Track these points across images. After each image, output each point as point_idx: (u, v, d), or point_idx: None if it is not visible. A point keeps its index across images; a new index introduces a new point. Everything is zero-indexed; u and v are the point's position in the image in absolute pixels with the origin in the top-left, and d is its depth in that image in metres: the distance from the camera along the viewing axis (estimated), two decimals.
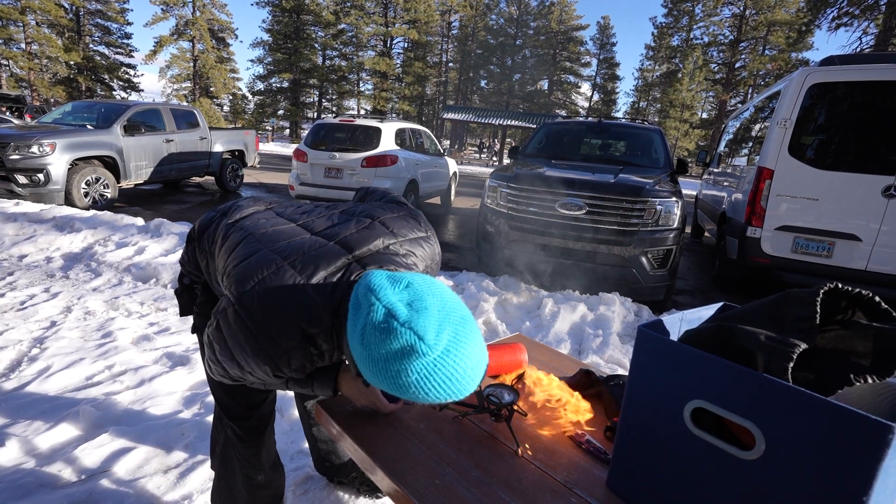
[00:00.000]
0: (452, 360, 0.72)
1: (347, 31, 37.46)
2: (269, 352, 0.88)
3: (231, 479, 1.32)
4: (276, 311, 0.87)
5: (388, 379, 0.72)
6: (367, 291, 0.76)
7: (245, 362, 0.90)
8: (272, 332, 0.87)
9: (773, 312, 0.74)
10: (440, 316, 0.73)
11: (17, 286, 3.52)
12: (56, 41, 32.02)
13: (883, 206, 3.93)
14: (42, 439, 1.86)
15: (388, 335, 0.71)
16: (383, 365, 0.72)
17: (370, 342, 0.72)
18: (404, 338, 0.70)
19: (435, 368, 0.71)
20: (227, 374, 0.98)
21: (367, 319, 0.73)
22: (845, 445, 0.58)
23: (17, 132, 6.40)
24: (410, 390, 0.72)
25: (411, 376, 0.71)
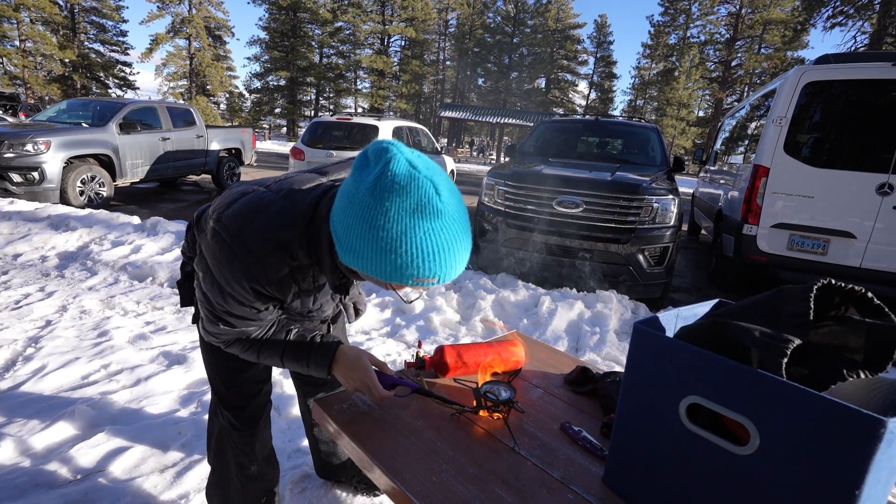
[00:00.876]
0: (457, 226, 0.73)
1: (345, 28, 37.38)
2: (244, 260, 0.87)
3: (225, 470, 1.32)
4: (249, 219, 0.88)
5: (389, 242, 0.71)
6: (387, 145, 0.74)
7: (228, 285, 0.90)
8: (246, 238, 0.87)
9: (768, 308, 0.74)
10: (448, 186, 0.74)
11: (12, 285, 3.51)
12: (51, 38, 31.83)
13: (877, 203, 3.95)
14: (37, 439, 1.86)
15: (409, 184, 0.70)
16: (394, 222, 0.70)
17: (383, 193, 0.70)
18: (424, 189, 0.70)
19: (442, 229, 0.72)
20: (218, 319, 0.97)
21: (384, 170, 0.71)
22: (838, 440, 0.58)
23: (12, 130, 6.36)
24: (408, 254, 0.71)
25: (417, 235, 0.70)
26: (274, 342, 1.04)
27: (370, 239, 0.72)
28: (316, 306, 1.10)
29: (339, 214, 0.77)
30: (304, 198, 0.91)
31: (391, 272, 0.74)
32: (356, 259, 0.76)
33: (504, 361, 1.28)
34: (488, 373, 1.19)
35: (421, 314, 3.38)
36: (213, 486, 1.37)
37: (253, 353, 1.05)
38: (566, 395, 1.23)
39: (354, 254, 0.76)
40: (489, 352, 1.26)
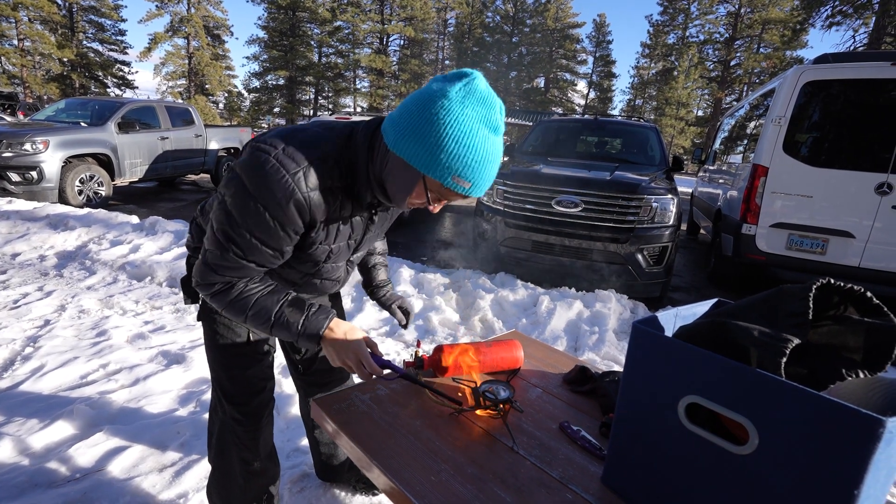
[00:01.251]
0: (500, 147, 0.89)
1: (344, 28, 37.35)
2: (289, 169, 0.88)
3: (228, 468, 1.32)
4: (290, 137, 0.92)
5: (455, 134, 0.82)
6: (470, 72, 0.86)
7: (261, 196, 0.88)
8: (290, 151, 0.90)
9: (767, 308, 0.74)
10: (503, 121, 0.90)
11: (11, 285, 3.50)
12: (49, 38, 31.76)
13: (876, 203, 3.95)
14: (36, 438, 1.85)
15: (487, 98, 0.84)
16: (466, 119, 0.82)
17: (466, 97, 0.83)
18: (496, 107, 0.85)
19: (494, 144, 0.87)
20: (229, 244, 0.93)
21: (469, 81, 0.84)
22: (837, 439, 0.58)
23: (10, 129, 6.35)
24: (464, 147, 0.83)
25: (478, 137, 0.84)
26: (270, 298, 1.00)
27: (436, 123, 0.82)
28: (328, 264, 1.11)
29: (409, 107, 0.86)
30: (338, 126, 0.99)
31: (443, 160, 0.84)
32: (415, 142, 0.84)
33: (502, 361, 1.28)
34: (487, 372, 1.19)
35: (420, 314, 3.38)
36: (214, 484, 1.36)
37: (241, 308, 0.99)
38: (565, 395, 1.23)
39: (415, 137, 0.84)
40: (488, 351, 1.26)
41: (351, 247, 1.13)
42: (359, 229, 1.09)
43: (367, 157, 0.95)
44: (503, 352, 1.29)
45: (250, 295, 0.99)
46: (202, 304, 1.22)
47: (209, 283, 0.99)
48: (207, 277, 0.98)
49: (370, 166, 0.95)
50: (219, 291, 0.99)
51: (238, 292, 0.99)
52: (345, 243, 1.09)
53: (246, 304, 0.99)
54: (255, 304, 0.99)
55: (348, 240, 1.09)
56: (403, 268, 4.00)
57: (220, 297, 1.00)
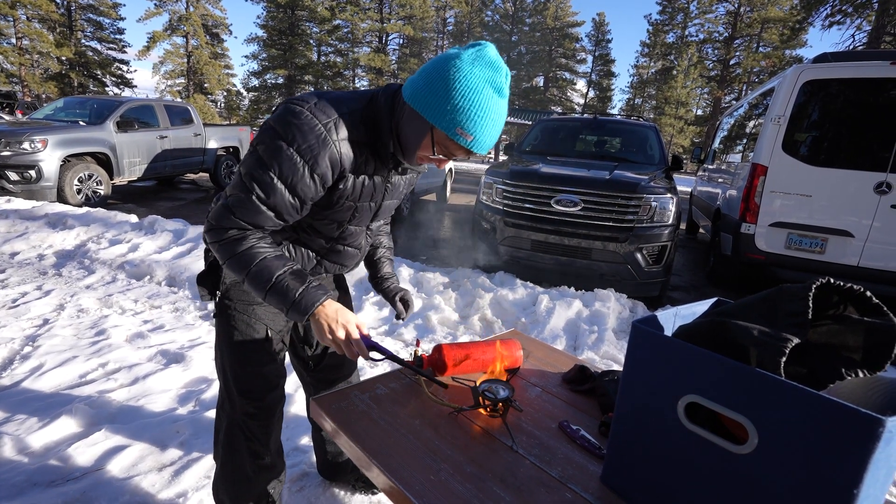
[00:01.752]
0: (503, 110, 0.98)
1: (343, 27, 37.29)
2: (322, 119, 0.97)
3: (237, 462, 1.31)
4: (320, 95, 1.02)
5: (461, 88, 0.92)
6: (484, 42, 0.96)
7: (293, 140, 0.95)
8: (322, 105, 0.99)
9: (766, 307, 0.74)
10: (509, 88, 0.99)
11: (9, 284, 3.50)
12: (47, 36, 31.67)
13: (875, 202, 3.95)
14: (35, 437, 1.85)
15: (494, 62, 0.94)
16: (475, 77, 0.92)
17: (475, 60, 0.93)
18: (501, 72, 0.95)
19: (497, 104, 0.95)
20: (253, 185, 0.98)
21: (480, 48, 0.95)
22: (837, 439, 0.58)
23: (8, 128, 6.33)
24: (468, 101, 0.92)
25: (482, 94, 0.93)
26: (276, 262, 1.02)
27: (448, 79, 0.92)
28: (352, 226, 1.18)
29: (426, 67, 0.97)
30: (360, 91, 1.09)
31: (449, 111, 0.93)
32: (427, 94, 0.94)
33: (502, 360, 1.28)
34: (487, 371, 1.19)
35: (419, 313, 3.38)
36: (221, 480, 1.36)
37: (246, 262, 1.00)
38: (564, 394, 1.23)
39: (429, 90, 0.94)
40: (487, 350, 1.26)
41: (372, 209, 1.18)
42: (379, 192, 1.15)
43: (388, 114, 1.04)
44: (502, 351, 1.29)
45: (258, 252, 1.01)
46: (219, 300, 1.23)
47: (223, 227, 1.01)
48: (223, 220, 1.00)
49: (391, 122, 1.04)
50: (230, 240, 1.01)
51: (248, 246, 1.01)
52: (367, 204, 1.15)
53: (251, 260, 1.00)
54: (261, 262, 1.01)
55: (370, 200, 1.15)
56: (403, 267, 4.00)
57: (229, 245, 1.01)
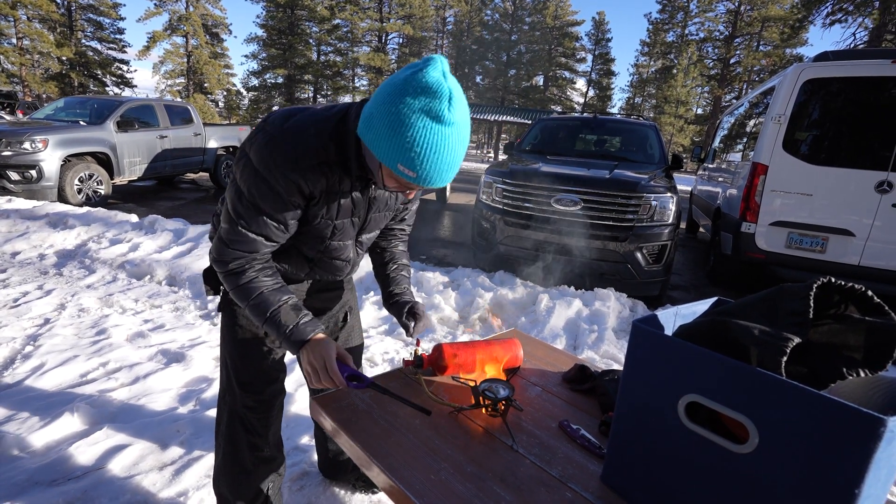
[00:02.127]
0: (451, 138, 0.87)
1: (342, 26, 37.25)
2: (287, 144, 0.97)
3: (236, 454, 1.33)
4: (290, 116, 1.01)
5: (395, 122, 0.85)
6: (430, 59, 0.87)
7: (266, 169, 0.97)
8: (289, 128, 0.98)
9: (767, 307, 0.74)
10: (464, 111, 0.89)
11: (10, 283, 3.50)
12: (48, 36, 31.65)
13: (876, 201, 3.95)
14: (36, 436, 1.85)
15: (432, 87, 0.84)
16: (406, 108, 0.84)
17: (411, 86, 0.85)
18: (441, 96, 0.84)
19: (437, 133, 0.85)
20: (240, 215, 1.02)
21: (422, 72, 0.85)
22: (838, 438, 0.58)
23: (9, 128, 6.33)
24: (403, 137, 0.85)
25: (416, 125, 0.84)
26: (273, 296, 1.07)
27: (385, 114, 0.86)
28: (335, 241, 1.17)
29: (375, 94, 0.91)
30: (334, 107, 1.05)
31: (387, 148, 0.87)
32: (369, 129, 0.90)
33: (502, 359, 1.28)
34: (486, 370, 1.19)
35: None
36: (222, 471, 1.37)
37: (246, 294, 1.06)
38: (564, 394, 1.23)
39: (370, 125, 0.90)
40: (487, 350, 1.26)
41: (356, 224, 1.18)
42: (361, 207, 1.14)
43: (355, 136, 1.00)
44: (502, 350, 1.29)
45: (258, 286, 1.06)
46: (223, 296, 1.25)
47: (224, 260, 1.06)
48: (222, 254, 1.06)
49: (360, 144, 1.01)
50: (232, 272, 1.06)
51: (249, 279, 1.06)
52: (348, 220, 1.14)
53: (251, 293, 1.06)
54: (259, 295, 1.06)
55: (352, 217, 1.14)
56: None
57: (232, 278, 1.07)
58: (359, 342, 1.57)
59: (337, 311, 1.47)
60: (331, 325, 1.48)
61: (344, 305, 1.49)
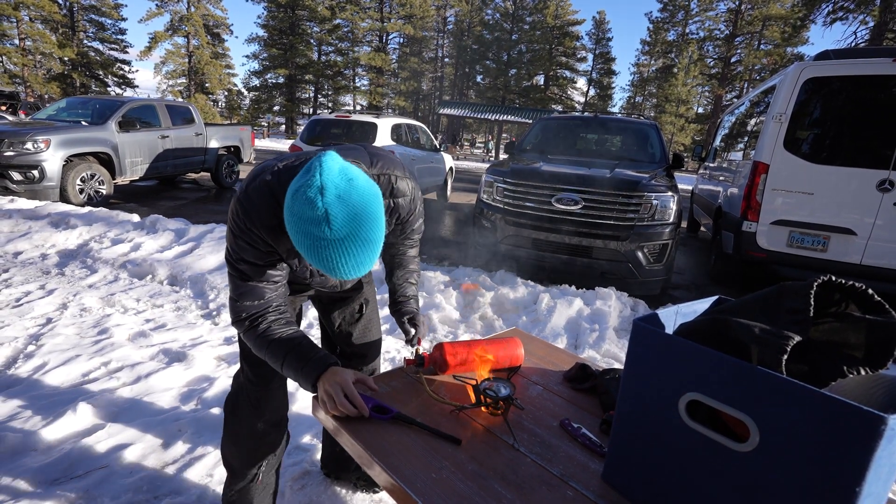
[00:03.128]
0: (344, 248, 0.89)
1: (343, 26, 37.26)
2: (247, 206, 1.05)
3: (237, 424, 1.40)
4: (253, 178, 1.08)
5: (299, 237, 0.90)
6: (318, 163, 0.90)
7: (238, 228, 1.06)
8: (250, 191, 1.06)
9: (768, 305, 0.74)
10: (353, 221, 0.88)
11: (13, 283, 3.51)
12: (50, 37, 31.72)
13: (878, 200, 3.94)
14: (38, 436, 1.86)
15: (309, 204, 0.87)
16: (298, 223, 0.88)
17: (296, 200, 0.88)
18: (318, 213, 0.86)
19: (326, 247, 0.88)
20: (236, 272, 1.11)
21: (304, 182, 0.89)
22: (839, 436, 0.58)
23: (12, 129, 6.35)
24: (304, 247, 0.90)
25: (307, 240, 0.88)
26: (285, 343, 1.12)
27: (290, 222, 0.91)
28: (317, 278, 1.26)
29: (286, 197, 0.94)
30: (294, 166, 1.08)
31: (305, 253, 0.91)
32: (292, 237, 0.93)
33: (503, 359, 1.28)
34: (487, 369, 1.19)
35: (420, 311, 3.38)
36: (226, 439, 1.44)
37: (262, 345, 1.12)
38: (565, 392, 1.23)
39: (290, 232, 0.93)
40: (488, 349, 1.26)
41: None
42: None
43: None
44: (504, 349, 1.29)
45: (272, 333, 1.12)
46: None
47: (239, 318, 1.14)
48: (238, 310, 1.13)
49: None
50: (249, 328, 1.13)
51: (263, 330, 1.13)
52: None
53: (265, 343, 1.12)
54: (273, 342, 1.12)
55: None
56: None
57: (250, 333, 1.14)
58: (377, 336, 1.59)
59: (353, 302, 1.51)
60: (346, 316, 1.50)
61: (360, 297, 1.52)
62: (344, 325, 1.51)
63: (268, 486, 1.47)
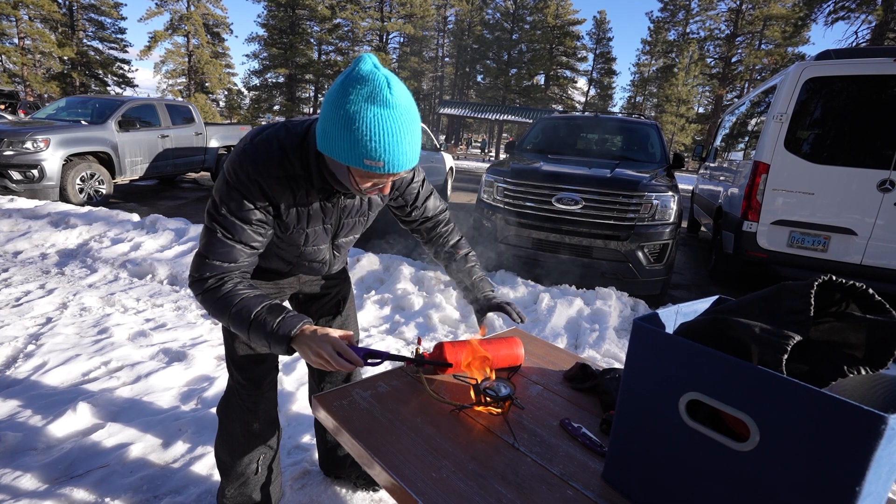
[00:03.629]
0: (403, 119, 0.90)
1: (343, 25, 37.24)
2: (254, 156, 1.03)
3: (230, 425, 1.41)
4: (258, 133, 1.07)
5: (347, 121, 0.88)
6: (359, 58, 0.91)
7: (236, 178, 1.03)
8: (256, 142, 1.05)
9: (768, 305, 0.74)
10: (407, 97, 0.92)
11: (13, 282, 3.51)
12: (49, 36, 31.71)
13: (878, 200, 3.94)
14: (38, 435, 1.86)
15: (367, 77, 0.88)
16: (355, 103, 0.87)
17: (348, 86, 0.88)
18: (378, 83, 0.87)
19: (389, 117, 0.88)
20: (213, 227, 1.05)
21: (354, 67, 0.89)
22: (839, 436, 0.58)
23: (11, 128, 6.34)
24: (360, 132, 0.88)
25: (367, 116, 0.87)
26: (253, 301, 1.05)
27: (335, 118, 0.90)
28: (309, 247, 1.22)
29: (321, 109, 0.94)
30: (304, 122, 1.09)
31: (347, 149, 0.90)
32: (327, 140, 0.93)
33: (503, 358, 1.28)
34: (487, 369, 1.19)
35: (420, 311, 3.38)
36: (220, 439, 1.46)
37: (226, 305, 1.04)
38: (566, 392, 1.23)
39: (326, 136, 0.93)
40: (488, 348, 1.26)
41: (328, 231, 1.23)
42: (331, 215, 1.19)
43: (317, 151, 1.04)
44: (504, 349, 1.29)
45: (236, 294, 1.06)
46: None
47: (203, 276, 1.06)
48: (201, 268, 1.06)
49: (320, 159, 1.06)
50: (209, 288, 1.06)
51: (226, 290, 1.05)
52: (320, 227, 1.20)
53: (230, 302, 1.04)
54: (239, 302, 1.04)
55: (323, 224, 1.20)
56: (404, 266, 4.00)
57: (210, 294, 1.06)
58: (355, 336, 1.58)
59: (329, 299, 1.51)
60: (325, 313, 1.51)
61: (337, 294, 1.52)
62: (322, 321, 1.52)
63: (265, 479, 1.49)
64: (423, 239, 1.48)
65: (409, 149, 0.93)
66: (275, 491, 1.54)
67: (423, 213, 1.40)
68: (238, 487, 1.45)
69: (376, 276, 4.00)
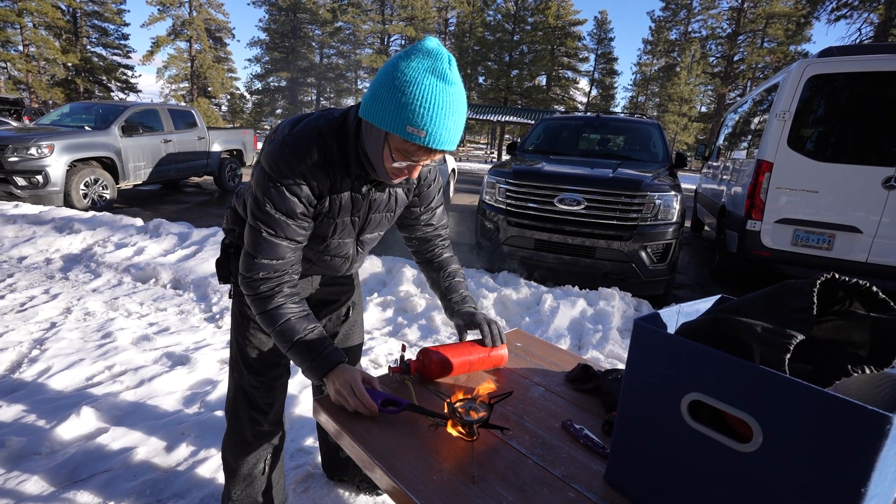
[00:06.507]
0: (456, 97, 0.92)
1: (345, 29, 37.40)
2: (294, 146, 1.03)
3: (239, 426, 1.42)
4: (297, 122, 1.08)
5: (401, 84, 0.90)
6: (425, 38, 0.95)
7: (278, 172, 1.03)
8: (296, 132, 1.05)
9: (770, 304, 0.73)
10: (460, 78, 0.95)
11: (17, 288, 3.52)
12: (53, 43, 31.96)
13: (883, 197, 3.91)
14: (43, 440, 1.86)
15: (432, 51, 0.91)
16: (412, 71, 0.90)
17: (411, 54, 0.92)
18: (442, 58, 0.91)
19: (444, 91, 0.90)
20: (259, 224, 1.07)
21: (420, 43, 0.93)
22: (843, 436, 0.57)
23: (16, 134, 6.40)
24: (411, 95, 0.89)
25: (423, 84, 0.89)
26: (299, 324, 1.10)
27: (388, 81, 0.91)
28: (335, 239, 1.22)
29: (376, 75, 0.96)
30: (339, 110, 1.11)
31: (393, 112, 0.91)
32: (374, 103, 0.94)
33: (484, 360, 1.27)
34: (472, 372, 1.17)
35: (423, 313, 3.38)
36: (227, 440, 1.46)
37: (273, 320, 1.09)
38: (568, 393, 1.22)
39: (374, 99, 0.94)
40: (473, 351, 1.25)
41: (356, 224, 1.22)
42: (361, 207, 1.19)
43: (355, 133, 1.06)
44: (485, 350, 1.27)
45: (284, 312, 1.10)
46: (233, 284, 1.33)
47: (253, 278, 1.10)
48: (251, 268, 1.10)
49: (358, 141, 1.06)
50: (261, 296, 1.10)
51: (276, 305, 1.10)
52: (349, 218, 1.19)
53: (277, 319, 1.09)
54: (285, 322, 1.09)
55: (352, 216, 1.19)
56: (406, 267, 4.00)
57: (260, 302, 1.10)
58: (359, 340, 1.59)
59: (341, 305, 1.52)
60: (333, 318, 1.51)
61: (349, 300, 1.53)
62: (330, 326, 1.52)
63: (270, 481, 1.49)
64: (417, 248, 1.44)
65: (453, 126, 0.94)
66: (278, 494, 1.54)
67: (430, 218, 1.39)
68: (244, 489, 1.46)
69: (379, 279, 4.00)
